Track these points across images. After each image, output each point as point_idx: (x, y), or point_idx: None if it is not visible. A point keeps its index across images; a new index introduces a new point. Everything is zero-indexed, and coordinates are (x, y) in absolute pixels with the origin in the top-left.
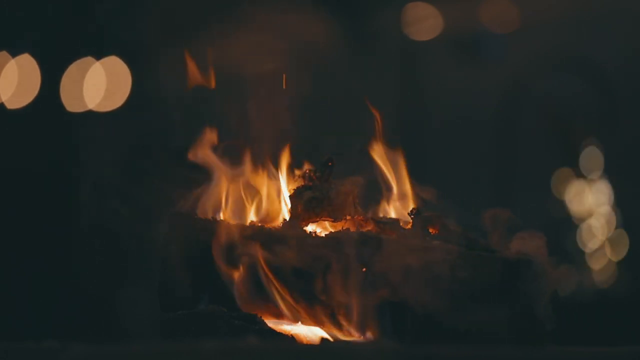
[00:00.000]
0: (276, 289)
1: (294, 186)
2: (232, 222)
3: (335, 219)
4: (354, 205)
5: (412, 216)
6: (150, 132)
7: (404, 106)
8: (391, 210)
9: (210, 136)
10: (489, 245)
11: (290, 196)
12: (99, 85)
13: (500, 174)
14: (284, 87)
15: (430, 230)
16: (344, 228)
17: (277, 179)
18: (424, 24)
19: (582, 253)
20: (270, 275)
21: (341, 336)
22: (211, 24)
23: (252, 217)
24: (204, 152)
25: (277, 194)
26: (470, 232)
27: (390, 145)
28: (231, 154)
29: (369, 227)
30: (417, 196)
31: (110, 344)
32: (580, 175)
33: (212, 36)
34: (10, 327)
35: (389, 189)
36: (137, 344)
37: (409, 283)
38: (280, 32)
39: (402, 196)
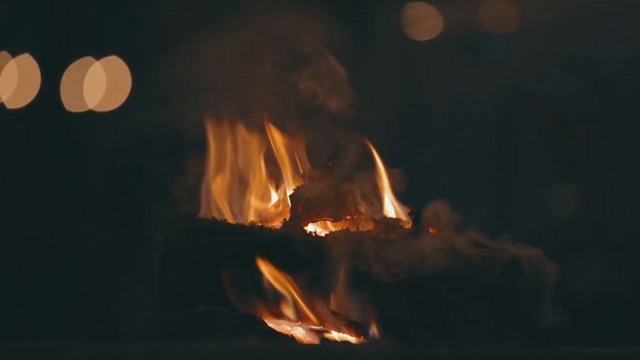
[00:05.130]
0: (278, 288)
1: (294, 186)
2: (232, 222)
3: (335, 219)
4: (354, 205)
5: (412, 216)
6: (150, 132)
7: (404, 106)
8: (391, 210)
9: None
10: (489, 244)
11: (290, 196)
12: (99, 85)
13: (501, 174)
14: (283, 88)
15: (430, 230)
16: (343, 228)
17: (278, 179)
18: (424, 24)
19: (582, 253)
20: (273, 275)
21: (341, 336)
22: (211, 24)
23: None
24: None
25: (277, 194)
26: (471, 232)
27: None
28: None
29: (369, 227)
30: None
31: (110, 344)
32: (580, 175)
33: (211, 36)
34: (10, 327)
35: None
36: (137, 344)
37: (408, 283)
38: (280, 32)
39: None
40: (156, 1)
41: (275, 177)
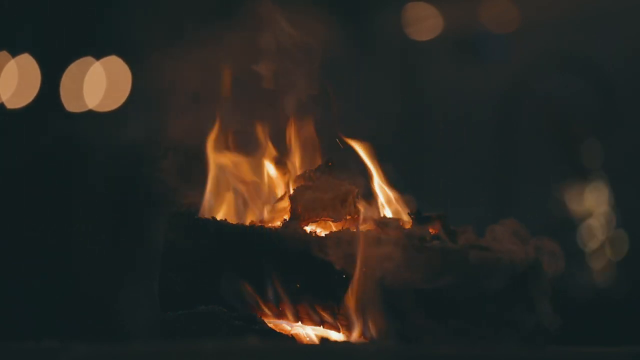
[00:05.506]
0: (279, 288)
1: (294, 186)
2: (232, 222)
3: (335, 219)
4: (354, 205)
5: (412, 216)
6: (150, 132)
7: (404, 106)
8: (390, 210)
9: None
10: (489, 245)
11: (290, 196)
12: (99, 85)
13: (501, 174)
14: (283, 87)
15: (430, 230)
16: (343, 228)
17: (278, 179)
18: (424, 24)
19: (582, 253)
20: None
21: (341, 336)
22: (211, 24)
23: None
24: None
25: (277, 194)
26: (470, 232)
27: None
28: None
29: (369, 227)
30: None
31: (110, 344)
32: (580, 175)
33: (211, 36)
34: (10, 327)
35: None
36: (137, 344)
37: (408, 283)
38: (280, 32)
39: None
40: (156, 1)
41: (276, 177)
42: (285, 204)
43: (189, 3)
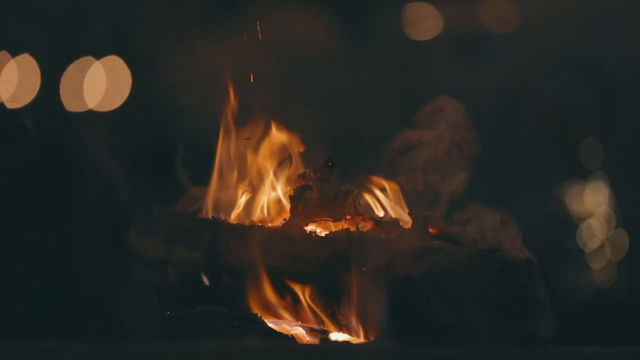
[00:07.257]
0: (278, 289)
1: (294, 186)
2: (232, 222)
3: (335, 219)
4: (354, 205)
5: (412, 216)
6: (150, 132)
7: (403, 106)
8: (391, 210)
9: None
10: (488, 244)
11: (290, 196)
12: (99, 85)
13: (500, 174)
14: (284, 87)
15: (430, 230)
16: (344, 228)
17: (277, 179)
18: (424, 24)
19: (582, 253)
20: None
21: (341, 336)
22: (211, 24)
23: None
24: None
25: (277, 194)
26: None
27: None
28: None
29: (369, 227)
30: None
31: (110, 344)
32: (580, 175)
33: (212, 36)
34: (10, 327)
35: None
36: (137, 344)
37: (409, 283)
38: (281, 32)
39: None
40: (157, 1)
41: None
42: (285, 203)
43: (189, 3)
